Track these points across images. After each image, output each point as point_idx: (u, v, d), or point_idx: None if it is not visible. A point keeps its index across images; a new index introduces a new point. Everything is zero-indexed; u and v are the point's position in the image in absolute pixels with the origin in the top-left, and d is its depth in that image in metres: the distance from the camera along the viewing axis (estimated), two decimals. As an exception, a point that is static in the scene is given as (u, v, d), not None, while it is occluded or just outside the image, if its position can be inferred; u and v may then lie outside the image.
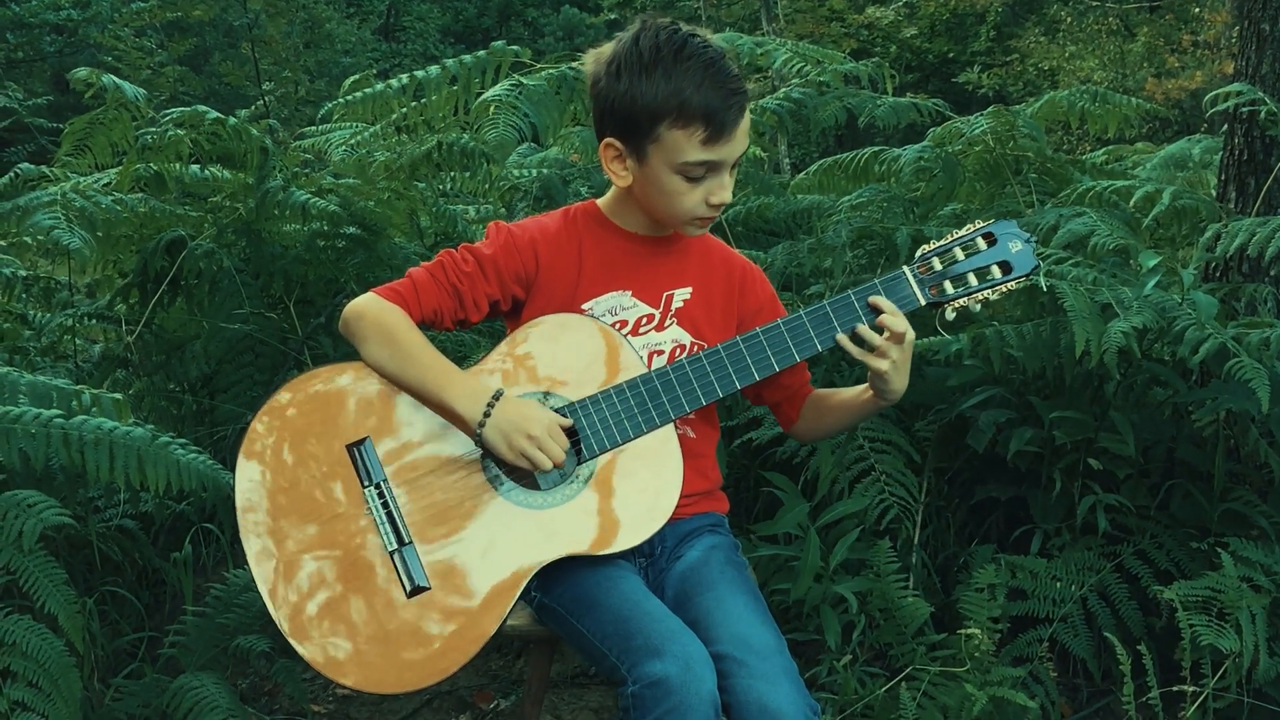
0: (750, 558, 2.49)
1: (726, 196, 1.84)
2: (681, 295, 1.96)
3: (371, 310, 1.84)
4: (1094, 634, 2.56)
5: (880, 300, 1.84)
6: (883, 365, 1.83)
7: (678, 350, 1.94)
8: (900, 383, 1.87)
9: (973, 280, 1.86)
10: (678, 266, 1.98)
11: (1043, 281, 2.36)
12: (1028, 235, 1.87)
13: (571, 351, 1.85)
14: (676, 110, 1.75)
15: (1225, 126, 3.08)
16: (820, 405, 2.04)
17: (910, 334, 1.84)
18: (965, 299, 1.86)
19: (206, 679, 2.34)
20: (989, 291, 1.86)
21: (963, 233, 1.88)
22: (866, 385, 1.92)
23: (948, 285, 1.86)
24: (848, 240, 3.14)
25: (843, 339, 1.84)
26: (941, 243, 1.88)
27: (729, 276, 2.02)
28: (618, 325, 1.90)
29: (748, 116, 1.82)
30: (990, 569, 2.43)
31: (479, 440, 1.78)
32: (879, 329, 1.84)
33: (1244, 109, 2.88)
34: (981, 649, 2.32)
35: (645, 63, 1.77)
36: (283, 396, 1.83)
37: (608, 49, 1.85)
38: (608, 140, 1.85)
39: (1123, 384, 2.71)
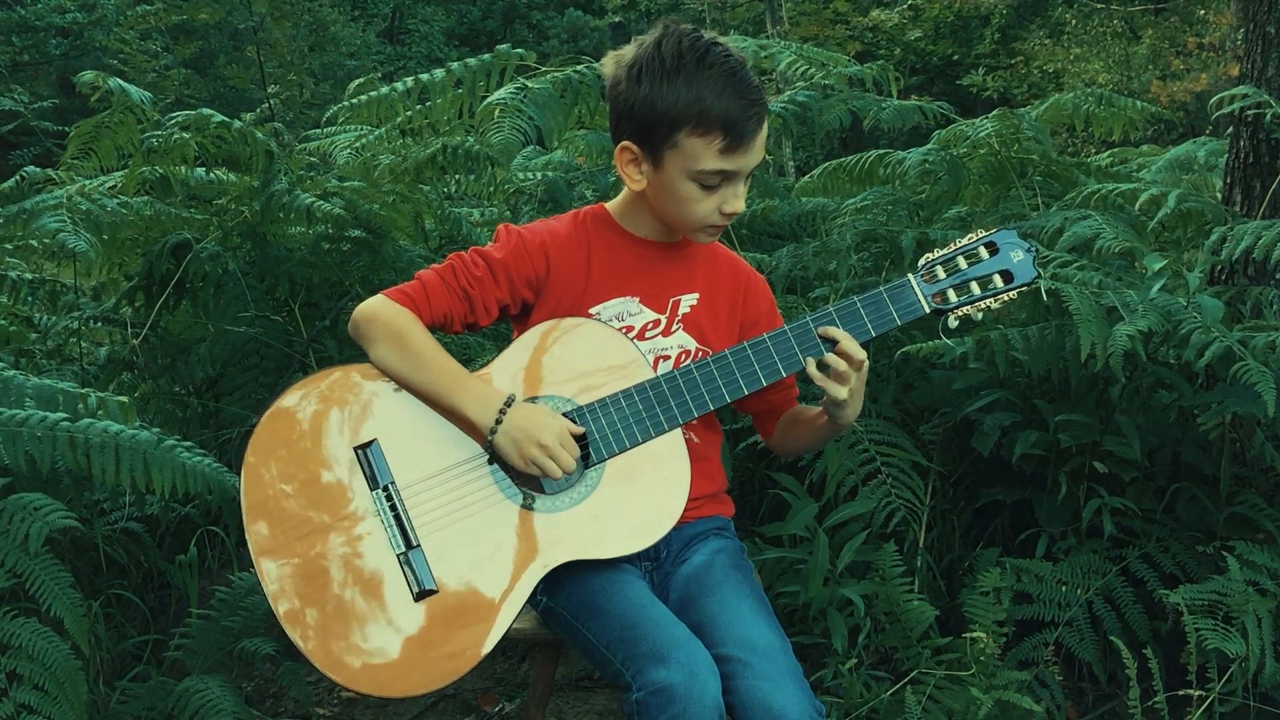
0: (756, 560, 2.49)
1: (739, 206, 1.84)
2: (688, 301, 1.97)
3: (382, 313, 1.84)
4: (1099, 638, 2.55)
5: (834, 331, 1.84)
6: (842, 393, 1.82)
7: (683, 356, 1.94)
8: (855, 409, 1.89)
9: (975, 289, 1.87)
10: (685, 272, 1.98)
11: (1043, 290, 2.37)
12: (1028, 245, 1.88)
13: (579, 356, 1.85)
14: (696, 118, 1.75)
15: (1230, 129, 3.08)
16: (791, 421, 2.06)
17: (866, 362, 1.84)
18: (968, 307, 1.87)
19: (212, 682, 2.34)
20: (991, 300, 1.87)
21: (965, 241, 1.89)
22: (821, 410, 1.93)
23: (951, 293, 1.87)
24: (852, 243, 3.14)
25: (811, 363, 1.83)
26: (945, 251, 1.89)
27: (735, 283, 2.03)
28: (624, 330, 1.90)
29: (766, 127, 1.82)
30: (995, 572, 2.43)
31: (490, 446, 1.78)
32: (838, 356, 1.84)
33: (1249, 112, 2.88)
34: (987, 652, 2.32)
35: (667, 68, 1.76)
36: (288, 399, 1.83)
37: (629, 52, 1.84)
38: (624, 144, 1.85)
39: (1128, 387, 2.71)
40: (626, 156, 1.86)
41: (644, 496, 1.81)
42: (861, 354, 1.82)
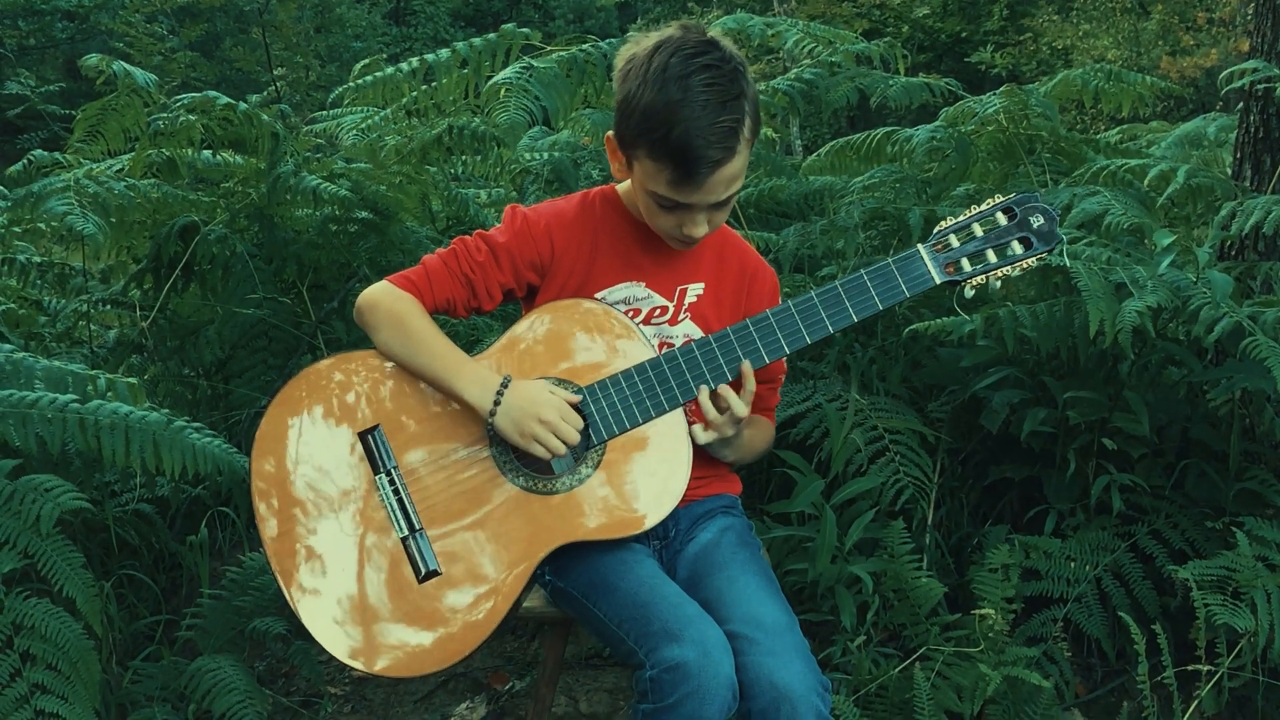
0: (764, 539, 2.50)
1: (697, 234, 1.80)
2: (695, 290, 1.96)
3: (385, 299, 1.84)
4: (1108, 614, 2.55)
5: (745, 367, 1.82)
6: (709, 437, 1.84)
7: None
8: (732, 453, 1.94)
9: (992, 257, 1.79)
10: (693, 260, 1.96)
11: (1066, 258, 2.33)
12: (1051, 208, 1.79)
13: (582, 337, 1.85)
14: (653, 143, 1.70)
15: (1240, 104, 3.06)
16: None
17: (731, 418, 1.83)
18: (984, 276, 1.79)
19: (224, 661, 2.36)
20: (1008, 268, 1.79)
21: (982, 208, 1.81)
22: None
23: (965, 262, 1.80)
24: (860, 221, 3.13)
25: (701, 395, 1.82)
26: (959, 219, 1.81)
27: (741, 274, 2.01)
28: (630, 314, 1.90)
29: (736, 163, 1.73)
30: (1004, 549, 2.43)
31: (491, 429, 1.78)
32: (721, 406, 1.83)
33: (1259, 86, 2.86)
34: (995, 629, 2.32)
35: (648, 78, 1.70)
36: (297, 383, 1.84)
37: (641, 44, 1.77)
38: (609, 134, 1.84)
39: (1137, 363, 2.70)
40: (611, 146, 1.85)
41: (646, 476, 1.81)
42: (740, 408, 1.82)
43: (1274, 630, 2.23)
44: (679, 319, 1.94)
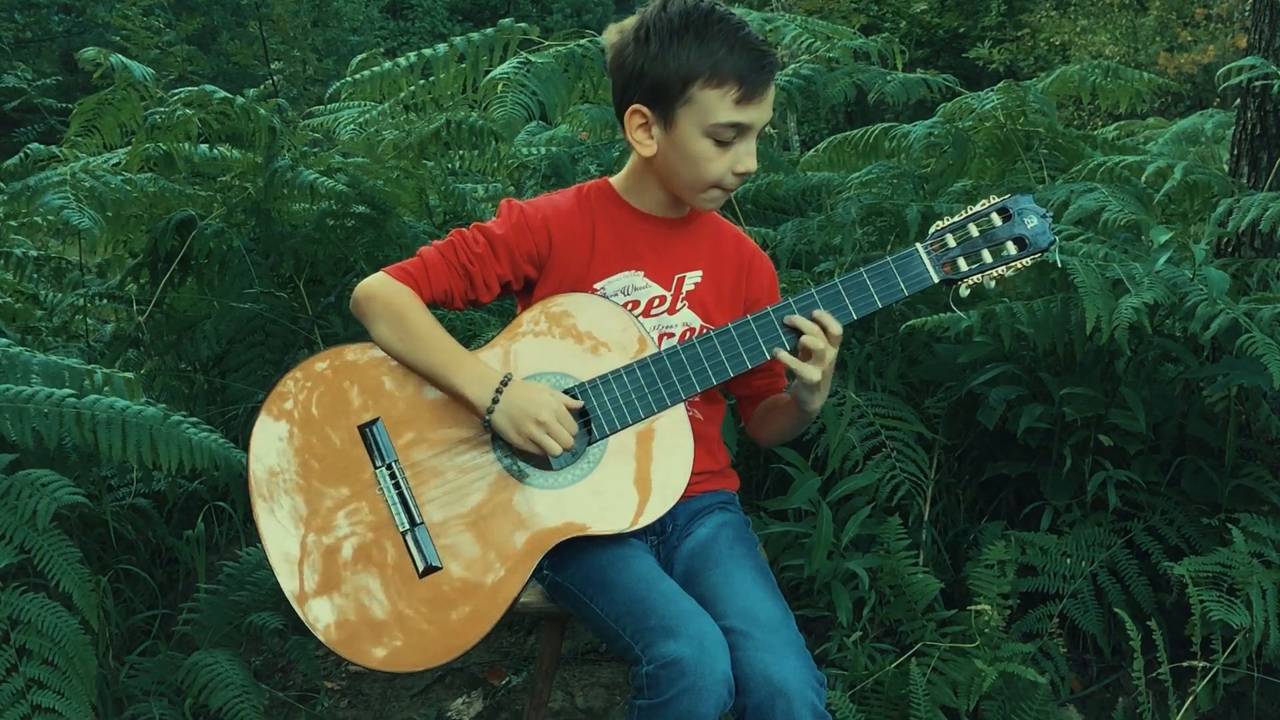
0: (761, 535, 2.50)
1: (752, 165, 1.84)
2: (693, 278, 1.96)
3: (382, 291, 1.84)
4: (1104, 610, 2.56)
5: (821, 314, 1.82)
6: (814, 374, 1.82)
7: (688, 334, 1.93)
8: (824, 395, 1.90)
9: (987, 257, 1.81)
10: (690, 249, 1.97)
11: (1058, 258, 2.34)
12: (1044, 210, 1.82)
13: (582, 331, 1.85)
14: (710, 70, 1.76)
15: (1238, 101, 3.06)
16: (767, 409, 2.05)
17: (834, 351, 1.84)
18: (979, 275, 1.81)
19: (220, 656, 2.36)
20: (1003, 268, 1.81)
21: (977, 208, 1.83)
22: (792, 397, 1.93)
23: (961, 262, 1.81)
24: (857, 217, 3.13)
25: (782, 353, 1.82)
26: (955, 219, 1.83)
27: (739, 262, 2.02)
28: (630, 305, 1.90)
29: (773, 86, 1.83)
30: (1000, 545, 2.43)
31: (488, 425, 1.78)
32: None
33: (1256, 83, 2.86)
34: (991, 625, 2.33)
35: (676, 28, 1.78)
36: (295, 376, 1.83)
37: (631, 20, 1.85)
38: (634, 108, 1.84)
39: (1134, 360, 2.71)
40: (636, 121, 1.85)
41: (646, 473, 1.81)
42: (838, 327, 1.81)
43: (1269, 627, 2.24)
44: (677, 307, 1.94)
